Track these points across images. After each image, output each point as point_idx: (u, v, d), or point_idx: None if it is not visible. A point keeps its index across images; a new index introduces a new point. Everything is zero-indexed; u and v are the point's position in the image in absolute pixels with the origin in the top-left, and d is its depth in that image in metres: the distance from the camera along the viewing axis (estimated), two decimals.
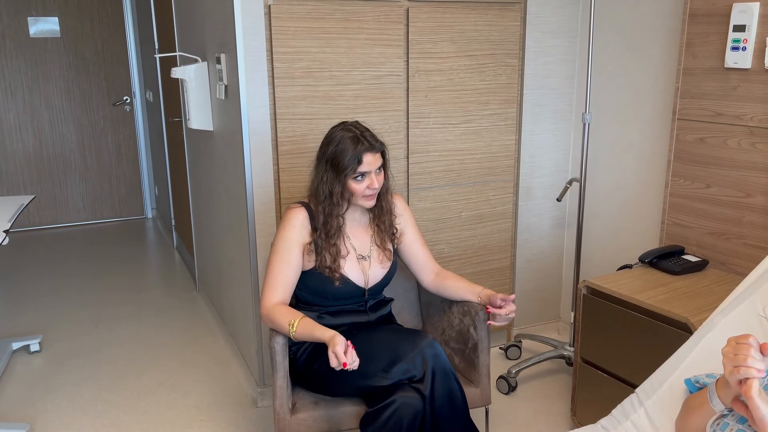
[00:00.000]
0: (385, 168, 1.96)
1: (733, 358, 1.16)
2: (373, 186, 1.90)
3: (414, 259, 2.14)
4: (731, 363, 1.17)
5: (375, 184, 1.90)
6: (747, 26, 2.10)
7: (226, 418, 2.56)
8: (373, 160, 1.88)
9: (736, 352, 1.16)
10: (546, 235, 3.07)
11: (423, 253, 2.14)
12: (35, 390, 2.77)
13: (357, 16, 2.44)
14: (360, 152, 1.85)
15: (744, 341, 1.16)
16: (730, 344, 1.19)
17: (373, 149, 1.88)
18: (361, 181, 1.89)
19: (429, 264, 2.15)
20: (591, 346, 2.26)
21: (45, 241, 4.90)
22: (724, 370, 1.20)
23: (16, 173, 5.04)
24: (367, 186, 1.89)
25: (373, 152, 1.88)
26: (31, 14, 4.85)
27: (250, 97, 2.35)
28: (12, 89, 4.91)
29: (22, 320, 3.48)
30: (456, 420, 1.85)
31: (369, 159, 1.87)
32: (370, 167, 1.88)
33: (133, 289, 3.92)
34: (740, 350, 1.15)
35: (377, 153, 1.90)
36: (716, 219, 2.31)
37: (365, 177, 1.89)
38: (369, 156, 1.87)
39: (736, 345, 1.17)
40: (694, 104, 2.33)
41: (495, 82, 2.77)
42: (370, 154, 1.87)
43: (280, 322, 1.87)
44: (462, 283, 2.11)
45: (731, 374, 1.17)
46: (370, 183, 1.89)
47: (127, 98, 5.26)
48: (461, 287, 2.10)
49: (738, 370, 1.15)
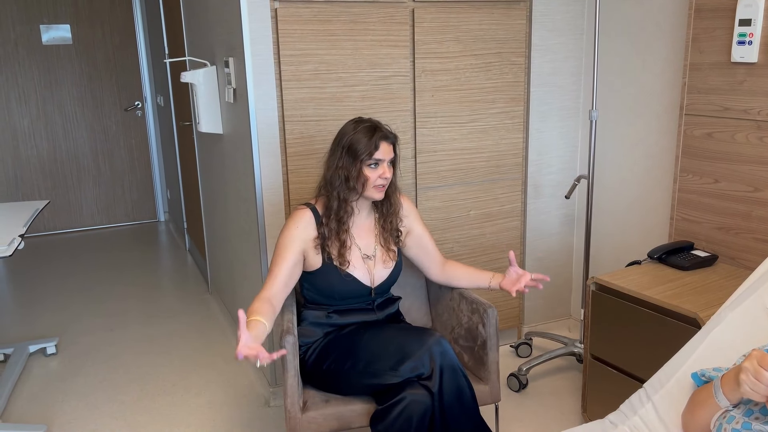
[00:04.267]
0: (394, 165, 2.00)
1: (754, 383, 1.18)
2: (384, 176, 1.94)
3: (424, 252, 2.17)
4: (752, 387, 1.18)
5: (387, 174, 1.95)
6: (753, 20, 2.09)
7: (238, 417, 2.58)
8: (387, 149, 1.94)
9: (759, 377, 1.17)
10: (555, 232, 3.07)
11: (431, 246, 2.18)
12: (52, 391, 2.82)
13: (363, 17, 2.46)
14: (377, 139, 1.92)
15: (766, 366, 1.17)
16: (751, 361, 1.19)
17: (388, 138, 1.95)
18: (375, 169, 1.94)
19: (437, 256, 2.20)
20: (601, 342, 2.26)
21: (59, 246, 4.96)
22: (742, 386, 1.20)
23: (30, 179, 5.12)
24: (380, 175, 1.93)
25: (387, 141, 1.94)
26: (43, 22, 4.91)
27: (259, 99, 2.37)
28: (26, 96, 4.99)
29: (39, 323, 3.53)
30: (465, 417, 1.86)
31: (384, 147, 1.93)
32: (385, 156, 1.94)
33: (146, 291, 3.97)
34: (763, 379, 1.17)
35: (391, 144, 1.96)
36: (725, 214, 2.30)
37: (379, 165, 1.93)
38: (384, 144, 1.93)
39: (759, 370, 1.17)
40: (701, 99, 2.32)
41: (501, 80, 2.77)
42: (386, 143, 1.94)
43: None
44: (471, 269, 2.19)
45: (751, 394, 1.19)
46: (382, 172, 1.94)
47: (139, 103, 5.31)
48: (472, 273, 2.18)
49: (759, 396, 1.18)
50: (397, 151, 2.00)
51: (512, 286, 2.05)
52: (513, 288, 2.05)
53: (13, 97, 4.95)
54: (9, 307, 3.79)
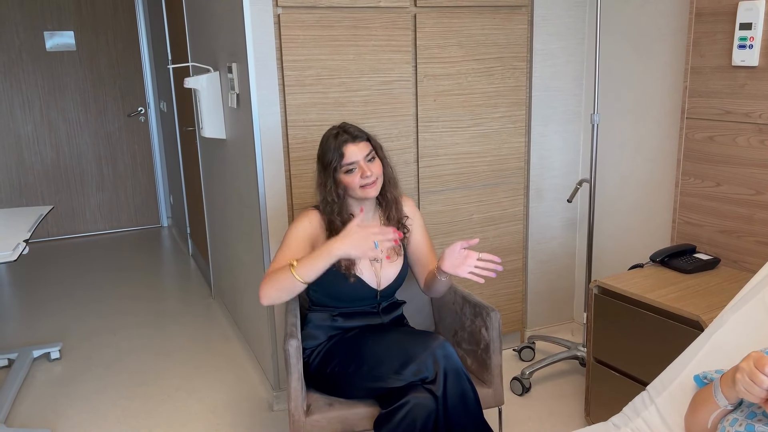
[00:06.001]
0: (379, 156, 1.97)
1: (748, 383, 1.18)
2: (365, 174, 1.90)
3: (418, 259, 2.12)
4: (746, 387, 1.19)
5: (367, 172, 1.90)
6: (753, 24, 2.10)
7: (242, 421, 2.59)
8: (357, 149, 1.91)
9: (753, 378, 1.17)
10: (557, 236, 3.08)
11: (426, 258, 2.12)
12: (56, 396, 2.82)
13: (365, 23, 2.47)
14: (340, 144, 1.90)
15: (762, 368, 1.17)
16: (748, 362, 1.20)
17: (355, 139, 1.91)
18: (353, 173, 1.91)
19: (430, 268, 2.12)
20: (603, 345, 2.26)
21: (63, 251, 4.98)
22: (737, 386, 1.21)
23: (34, 184, 5.14)
24: (360, 176, 1.91)
25: (354, 142, 1.91)
26: (47, 29, 4.94)
27: (262, 105, 2.39)
28: (30, 102, 5.01)
29: (43, 328, 3.54)
30: (469, 420, 1.87)
31: (352, 149, 1.90)
32: (356, 157, 1.90)
33: (150, 296, 3.98)
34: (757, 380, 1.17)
35: (360, 142, 1.92)
36: (727, 217, 2.31)
37: (355, 167, 1.91)
38: (351, 146, 1.90)
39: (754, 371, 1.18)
40: (703, 103, 2.33)
41: (503, 85, 2.79)
42: (352, 144, 1.90)
43: (278, 275, 1.81)
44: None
45: (746, 395, 1.20)
46: (362, 172, 1.91)
47: (142, 109, 5.34)
48: (429, 273, 2.05)
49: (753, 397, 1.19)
50: (374, 143, 1.96)
51: (456, 269, 1.86)
52: (458, 270, 1.86)
53: (17, 103, 4.97)
54: (13, 312, 3.80)
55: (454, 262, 1.87)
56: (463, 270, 1.85)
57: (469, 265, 1.85)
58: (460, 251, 1.87)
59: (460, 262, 1.86)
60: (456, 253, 1.87)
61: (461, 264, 1.86)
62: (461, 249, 1.86)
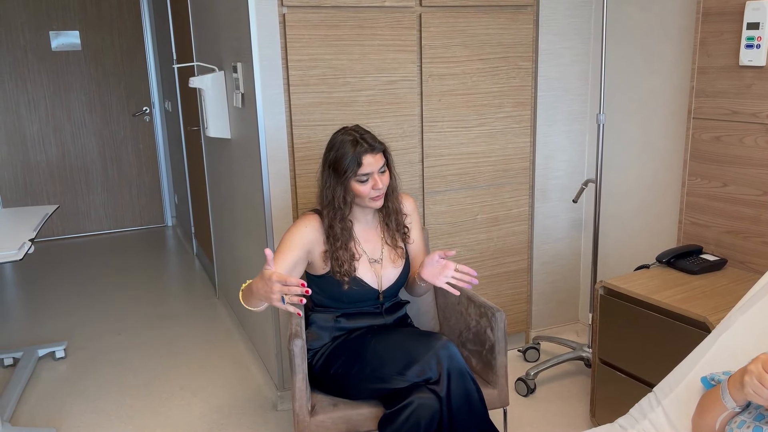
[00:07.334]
0: (389, 168, 1.97)
1: (757, 386, 1.18)
2: (377, 186, 1.91)
3: (411, 258, 2.13)
4: (755, 390, 1.19)
5: (379, 185, 1.91)
6: (761, 24, 2.09)
7: (246, 421, 2.59)
8: (373, 161, 1.90)
9: (762, 380, 1.17)
10: (562, 236, 3.07)
11: (419, 255, 2.13)
12: (60, 396, 2.83)
13: (370, 22, 2.47)
14: (359, 154, 1.87)
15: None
16: (756, 364, 1.20)
17: (373, 150, 1.90)
18: (366, 183, 1.91)
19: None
20: (609, 346, 2.25)
21: (68, 251, 4.99)
22: (745, 388, 1.21)
23: (39, 184, 5.15)
24: (372, 187, 1.91)
25: (373, 153, 1.89)
26: (53, 28, 4.95)
27: (266, 104, 2.38)
28: (35, 102, 5.02)
29: (48, 327, 3.55)
30: (474, 421, 1.86)
31: (369, 160, 1.89)
32: (372, 168, 1.89)
33: (154, 296, 3.98)
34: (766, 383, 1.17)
35: (378, 153, 1.91)
36: (734, 218, 2.29)
37: (369, 178, 1.91)
38: (369, 157, 1.89)
39: (762, 374, 1.18)
40: (709, 103, 2.32)
41: (508, 84, 2.78)
42: (370, 155, 1.89)
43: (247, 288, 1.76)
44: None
45: (754, 397, 1.20)
46: (374, 184, 1.90)
47: (147, 109, 5.35)
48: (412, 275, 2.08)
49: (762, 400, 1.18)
50: (388, 156, 1.96)
51: (434, 278, 1.87)
52: (435, 280, 1.87)
53: (22, 102, 4.99)
54: (18, 311, 3.81)
55: (433, 271, 1.89)
56: (440, 280, 1.86)
57: (446, 276, 1.86)
58: (438, 261, 1.88)
59: (438, 271, 1.88)
60: (435, 262, 1.88)
61: (439, 274, 1.87)
62: (439, 259, 1.88)
